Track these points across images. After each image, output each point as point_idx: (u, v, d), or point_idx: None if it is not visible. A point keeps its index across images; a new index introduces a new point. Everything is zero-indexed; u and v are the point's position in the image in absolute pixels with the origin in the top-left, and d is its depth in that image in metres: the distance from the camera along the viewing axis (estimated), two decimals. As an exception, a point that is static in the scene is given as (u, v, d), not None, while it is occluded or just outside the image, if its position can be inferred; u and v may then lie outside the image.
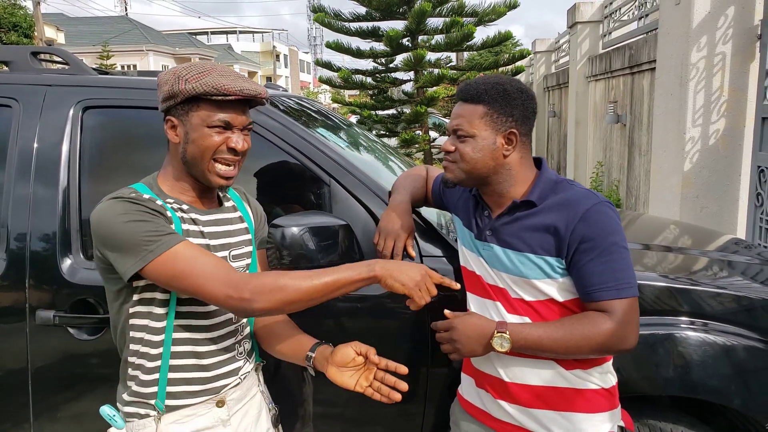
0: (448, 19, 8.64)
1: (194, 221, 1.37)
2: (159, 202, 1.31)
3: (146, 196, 1.32)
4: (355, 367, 1.37)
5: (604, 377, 1.45)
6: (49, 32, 24.56)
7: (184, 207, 1.37)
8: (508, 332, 1.35)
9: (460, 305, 1.68)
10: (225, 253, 1.42)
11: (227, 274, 1.25)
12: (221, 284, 1.24)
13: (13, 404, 1.87)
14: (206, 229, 1.39)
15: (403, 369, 1.34)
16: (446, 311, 1.48)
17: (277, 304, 1.25)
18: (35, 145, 1.89)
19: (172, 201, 1.36)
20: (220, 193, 1.49)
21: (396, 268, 1.31)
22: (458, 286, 1.44)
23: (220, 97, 1.30)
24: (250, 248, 1.50)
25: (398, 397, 1.33)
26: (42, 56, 2.31)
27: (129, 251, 1.25)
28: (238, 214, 1.50)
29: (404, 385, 1.33)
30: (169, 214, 1.32)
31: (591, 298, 1.35)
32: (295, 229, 1.50)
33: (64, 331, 1.81)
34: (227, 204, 1.50)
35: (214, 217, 1.42)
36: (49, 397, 1.86)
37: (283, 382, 1.84)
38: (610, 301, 1.32)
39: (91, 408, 1.86)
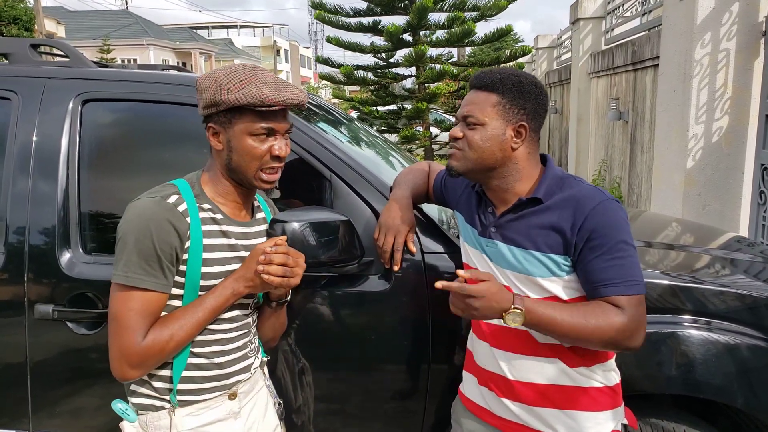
0: (449, 14, 8.61)
1: (224, 234, 1.38)
2: (188, 220, 1.31)
3: (182, 207, 1.31)
4: None
5: (608, 375, 1.44)
6: (50, 25, 24.52)
7: (218, 217, 1.38)
8: (523, 309, 1.29)
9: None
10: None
11: (133, 345, 1.28)
12: (126, 350, 1.28)
13: (12, 399, 1.86)
14: (238, 242, 1.40)
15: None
16: (460, 272, 1.33)
17: (156, 364, 1.32)
18: (34, 138, 1.88)
19: (208, 207, 1.37)
20: (253, 202, 1.51)
21: (240, 272, 1.35)
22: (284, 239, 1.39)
23: (264, 108, 1.30)
24: None
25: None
26: (42, 49, 2.29)
27: (118, 260, 1.29)
28: (266, 227, 1.52)
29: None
30: (190, 233, 1.31)
31: (597, 294, 1.33)
32: (295, 225, 1.48)
33: (63, 325, 1.80)
34: (259, 216, 1.51)
35: (246, 230, 1.44)
36: (48, 391, 1.86)
37: (284, 378, 1.83)
38: (618, 297, 1.31)
39: (90, 402, 1.85)
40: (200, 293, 1.35)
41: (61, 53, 2.21)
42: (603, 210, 1.33)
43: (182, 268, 1.33)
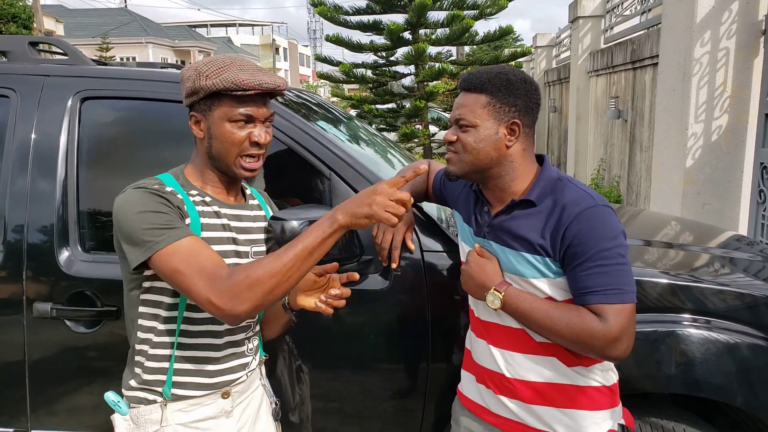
0: (448, 13, 8.61)
1: (217, 214, 1.38)
2: (179, 196, 1.32)
3: (169, 188, 1.33)
4: (319, 289, 1.46)
5: (606, 374, 1.44)
6: (49, 24, 24.48)
7: (207, 199, 1.38)
8: (503, 295, 1.37)
9: (463, 301, 1.67)
10: (248, 248, 1.44)
11: (214, 280, 1.20)
12: (205, 288, 1.20)
13: (10, 397, 1.86)
14: (231, 223, 1.41)
15: (354, 276, 1.42)
16: (477, 245, 1.48)
17: (259, 299, 1.20)
18: (33, 136, 1.87)
19: (195, 193, 1.37)
20: (245, 191, 1.51)
21: (354, 205, 1.24)
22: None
23: (239, 92, 1.31)
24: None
25: (341, 300, 1.39)
26: (40, 47, 2.28)
27: (138, 240, 1.26)
28: (262, 213, 1.52)
29: (347, 291, 1.39)
30: (186, 209, 1.32)
31: (579, 302, 1.33)
32: (295, 223, 1.48)
33: (62, 323, 1.80)
34: (252, 202, 1.52)
35: (238, 212, 1.44)
36: (46, 390, 1.85)
37: (283, 377, 1.83)
38: (598, 306, 1.29)
39: (89, 401, 1.85)
40: None
41: (60, 51, 2.20)
42: (586, 217, 1.32)
43: None
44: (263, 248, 1.49)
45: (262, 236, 1.48)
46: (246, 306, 1.19)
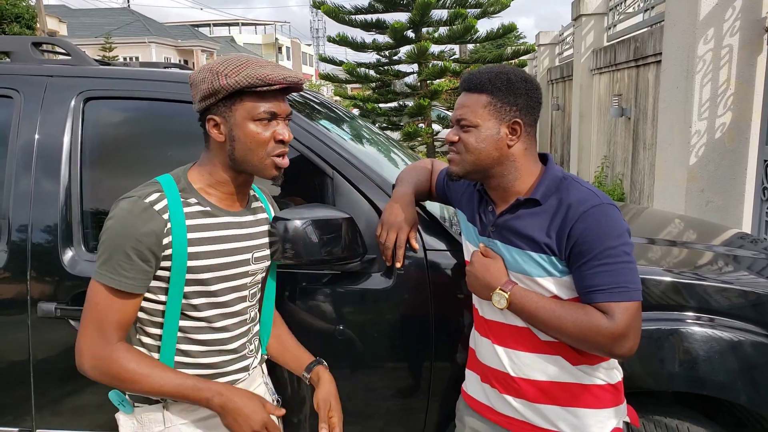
0: (451, 11, 8.60)
1: (213, 226, 1.35)
2: (165, 216, 1.29)
3: (160, 205, 1.29)
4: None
5: (610, 373, 1.44)
6: (52, 24, 24.54)
7: (207, 209, 1.36)
8: (509, 294, 1.36)
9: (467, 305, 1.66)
10: (248, 255, 1.42)
11: (101, 338, 1.29)
12: (87, 340, 1.29)
13: (15, 397, 1.87)
14: (231, 232, 1.38)
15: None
16: (481, 245, 1.48)
17: (107, 383, 1.32)
18: (36, 136, 1.88)
19: (194, 202, 1.34)
20: (250, 193, 1.49)
21: (236, 408, 1.31)
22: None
23: (265, 88, 1.28)
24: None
25: None
26: (43, 47, 2.29)
27: (97, 257, 1.31)
28: (264, 215, 1.51)
29: None
30: (171, 227, 1.29)
31: (586, 300, 1.33)
32: (298, 222, 1.48)
33: (66, 323, 1.80)
34: (255, 205, 1.49)
35: (240, 219, 1.42)
36: (51, 389, 1.86)
37: (285, 376, 1.83)
38: (604, 304, 1.30)
39: (93, 400, 1.86)
40: (187, 288, 1.33)
41: (63, 51, 2.21)
42: (591, 216, 1.32)
43: (166, 263, 1.30)
44: (265, 253, 1.48)
45: (264, 240, 1.47)
46: (95, 376, 1.31)
